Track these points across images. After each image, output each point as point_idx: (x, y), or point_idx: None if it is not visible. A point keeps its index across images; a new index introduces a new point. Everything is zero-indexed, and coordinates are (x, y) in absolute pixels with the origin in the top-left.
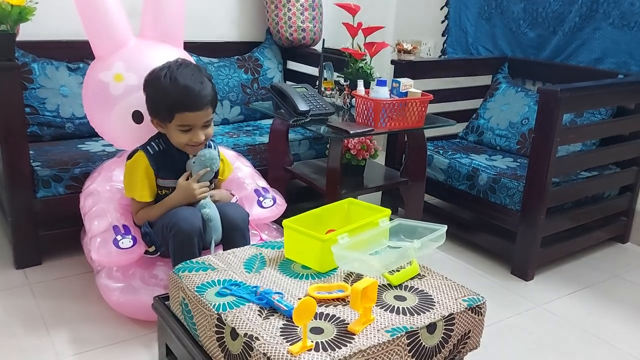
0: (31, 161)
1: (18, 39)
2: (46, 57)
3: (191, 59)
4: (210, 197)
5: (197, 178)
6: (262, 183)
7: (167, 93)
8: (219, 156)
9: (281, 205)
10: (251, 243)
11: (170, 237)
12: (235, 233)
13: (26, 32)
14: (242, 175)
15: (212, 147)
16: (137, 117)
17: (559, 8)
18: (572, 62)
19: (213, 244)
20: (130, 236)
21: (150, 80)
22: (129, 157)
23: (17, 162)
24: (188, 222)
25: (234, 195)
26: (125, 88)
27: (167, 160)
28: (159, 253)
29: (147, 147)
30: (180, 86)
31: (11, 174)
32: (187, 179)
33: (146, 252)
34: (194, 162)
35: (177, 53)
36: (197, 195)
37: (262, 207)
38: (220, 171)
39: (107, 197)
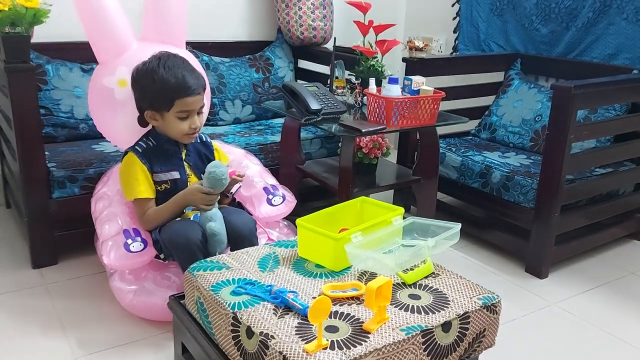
0: (47, 162)
1: (32, 40)
2: (60, 59)
3: (194, 57)
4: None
5: (204, 191)
6: (271, 180)
7: (166, 81)
8: (227, 172)
9: (291, 202)
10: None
11: (172, 251)
12: (242, 242)
13: (40, 33)
14: (251, 174)
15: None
16: (143, 121)
17: (572, 3)
18: (585, 57)
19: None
20: (140, 239)
21: (144, 74)
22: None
23: (33, 163)
24: (182, 235)
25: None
26: (129, 93)
27: (160, 154)
28: (167, 261)
29: (135, 146)
30: (178, 73)
31: (27, 175)
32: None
33: (157, 257)
34: (202, 174)
35: (180, 53)
36: (200, 205)
37: (271, 204)
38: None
39: (117, 200)
